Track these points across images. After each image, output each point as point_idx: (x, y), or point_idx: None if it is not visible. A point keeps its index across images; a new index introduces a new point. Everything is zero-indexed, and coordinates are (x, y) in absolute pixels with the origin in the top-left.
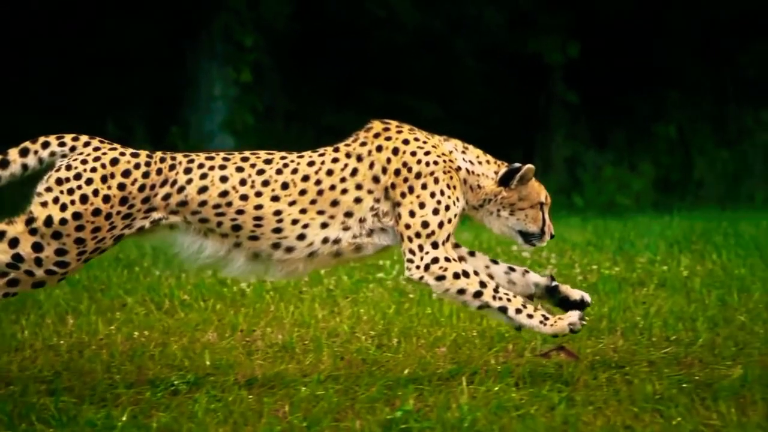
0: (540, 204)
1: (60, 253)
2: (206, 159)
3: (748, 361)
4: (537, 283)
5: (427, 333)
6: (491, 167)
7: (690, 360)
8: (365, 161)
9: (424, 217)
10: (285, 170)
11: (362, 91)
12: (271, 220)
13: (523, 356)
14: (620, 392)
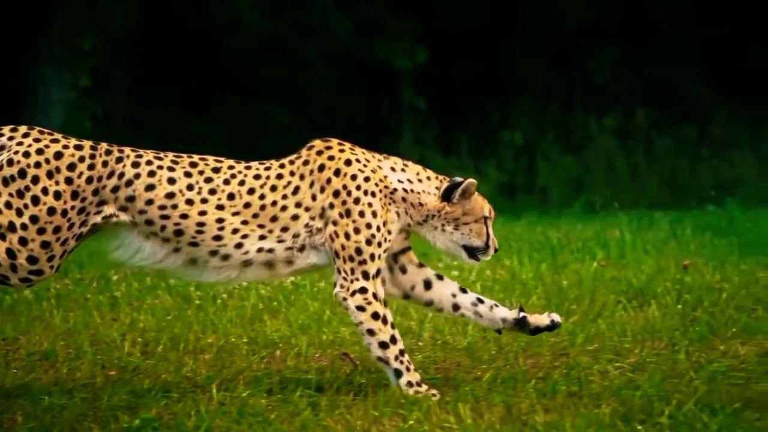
0: (484, 218)
1: (31, 261)
2: (155, 158)
3: (504, 364)
4: (505, 318)
5: (195, 340)
6: (432, 183)
7: (448, 363)
8: (306, 180)
9: (358, 244)
10: (233, 181)
11: (211, 96)
12: (213, 228)
13: (285, 361)
14: (368, 397)
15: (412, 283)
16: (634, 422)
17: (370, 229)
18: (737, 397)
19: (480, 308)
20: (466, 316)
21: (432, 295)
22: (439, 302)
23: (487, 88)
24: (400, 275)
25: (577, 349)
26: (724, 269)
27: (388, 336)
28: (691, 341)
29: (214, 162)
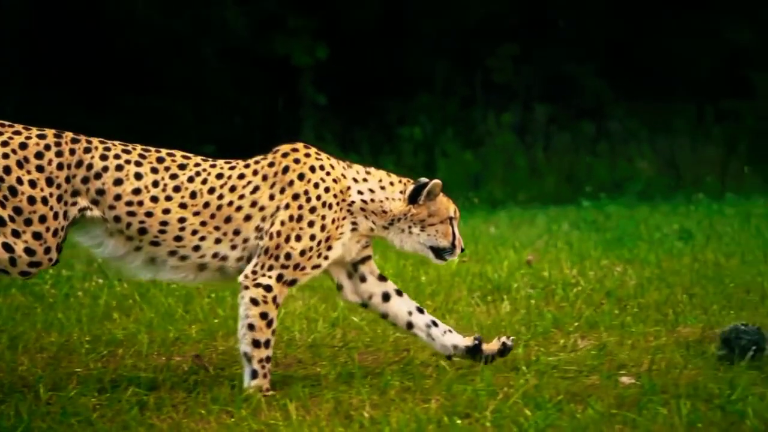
0: (449, 218)
1: (29, 253)
2: (123, 151)
3: (345, 360)
4: (456, 345)
5: (36, 338)
6: (396, 188)
7: (290, 359)
8: (268, 181)
9: (291, 250)
10: (197, 179)
11: (109, 93)
12: (175, 228)
13: (125, 360)
14: (199, 395)
15: (371, 294)
16: (458, 417)
17: (312, 241)
18: (564, 391)
19: (433, 331)
20: (418, 336)
21: (388, 308)
22: (395, 317)
23: (387, 84)
24: (360, 284)
25: (419, 345)
26: (583, 264)
27: (264, 339)
28: (533, 335)
29: (181, 158)
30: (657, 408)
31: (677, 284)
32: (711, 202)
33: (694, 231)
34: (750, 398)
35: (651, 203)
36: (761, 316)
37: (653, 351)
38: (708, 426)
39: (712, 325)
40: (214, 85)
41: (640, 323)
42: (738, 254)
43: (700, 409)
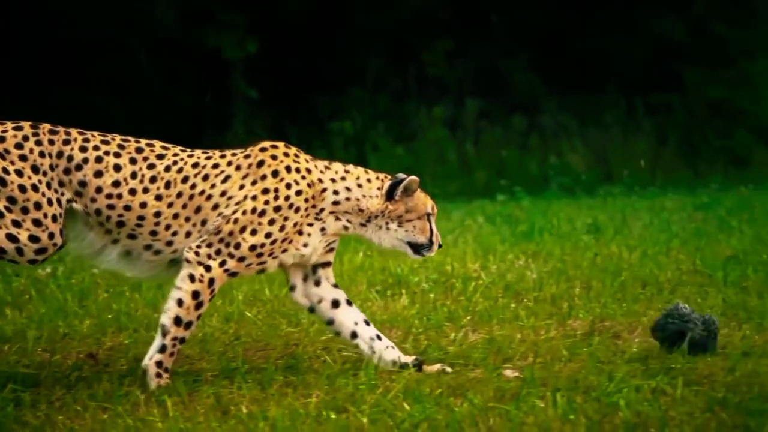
0: (427, 214)
1: (33, 240)
2: (102, 142)
3: (233, 355)
4: (395, 361)
5: None
6: (373, 185)
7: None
8: (241, 171)
9: (243, 241)
10: (173, 168)
11: (38, 88)
12: (151, 222)
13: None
14: (79, 391)
15: (321, 298)
16: (335, 411)
17: (266, 239)
18: (445, 384)
19: (376, 344)
20: (360, 347)
21: (335, 315)
22: (340, 325)
23: (319, 79)
24: (313, 287)
25: (311, 339)
26: (486, 258)
27: (188, 319)
28: (425, 329)
29: (160, 148)
30: (534, 401)
31: (576, 278)
32: (631, 195)
33: (606, 224)
34: (626, 390)
35: (574, 197)
36: (654, 310)
37: (540, 344)
38: (581, 418)
39: (602, 318)
40: (144, 80)
41: (533, 317)
42: (641, 248)
43: (576, 401)
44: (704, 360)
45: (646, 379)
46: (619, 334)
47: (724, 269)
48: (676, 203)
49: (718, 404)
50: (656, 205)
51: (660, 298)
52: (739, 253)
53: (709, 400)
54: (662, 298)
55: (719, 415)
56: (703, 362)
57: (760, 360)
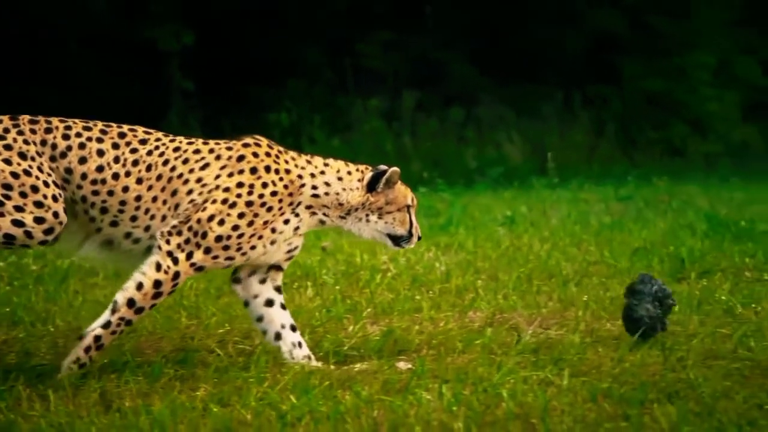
0: (407, 207)
1: (39, 222)
2: (84, 128)
3: (125, 350)
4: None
5: None
6: (354, 177)
7: (69, 349)
8: (221, 161)
9: (210, 230)
10: (155, 152)
11: None
12: (132, 206)
13: None
14: None
15: (257, 294)
16: (220, 404)
17: (233, 231)
18: (336, 377)
19: (295, 351)
20: (281, 350)
21: (266, 313)
22: (268, 323)
23: (256, 71)
24: (256, 283)
25: (208, 333)
26: (396, 252)
27: (141, 305)
28: (326, 321)
29: (143, 133)
30: (421, 393)
31: (484, 270)
32: (567, 186)
33: (524, 216)
34: (513, 381)
35: (508, 188)
36: (555, 302)
37: (436, 336)
38: (465, 409)
39: (502, 310)
40: (79, 72)
41: (434, 309)
42: (553, 240)
43: (464, 393)
44: (594, 350)
45: (536, 370)
46: (517, 326)
47: (630, 260)
48: (601, 195)
49: (601, 394)
50: (581, 197)
51: (564, 290)
52: (647, 244)
53: (594, 390)
54: (566, 290)
55: (601, 405)
56: (593, 352)
57: (650, 350)
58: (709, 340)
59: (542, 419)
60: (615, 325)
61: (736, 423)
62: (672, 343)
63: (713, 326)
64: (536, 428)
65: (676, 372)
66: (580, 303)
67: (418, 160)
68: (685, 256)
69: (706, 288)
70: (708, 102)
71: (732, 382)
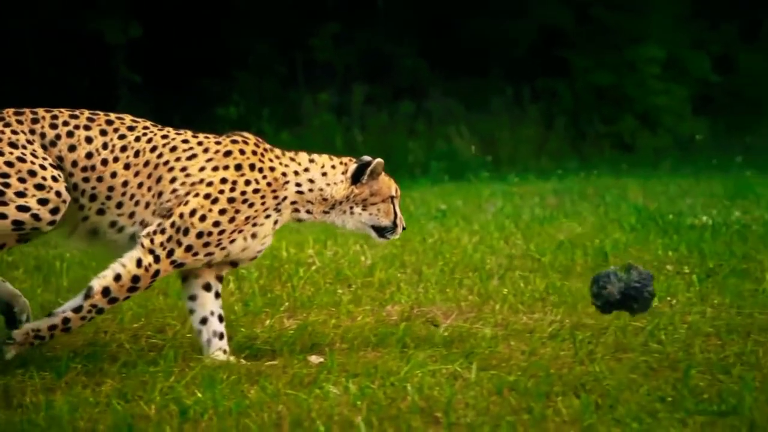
0: (391, 198)
1: (43, 203)
2: (70, 117)
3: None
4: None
5: None
6: (337, 170)
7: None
8: (208, 154)
9: (191, 226)
10: (143, 138)
11: None
12: (119, 192)
13: None
14: None
15: (199, 276)
16: (125, 399)
17: (214, 227)
18: (245, 371)
19: (214, 341)
20: (200, 335)
21: (199, 295)
22: (198, 306)
23: (205, 63)
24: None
25: (122, 327)
26: (325, 244)
27: (115, 295)
28: (243, 316)
29: (130, 121)
30: (329, 387)
31: (410, 264)
32: (513, 180)
33: (458, 210)
34: (421, 375)
35: (450, 182)
36: (475, 295)
37: (352, 330)
38: (370, 404)
39: (420, 303)
40: (24, 64)
41: (354, 303)
42: (482, 233)
43: (371, 387)
44: (507, 344)
45: (446, 363)
46: (433, 320)
47: (554, 254)
48: (540, 188)
49: (507, 387)
50: (520, 191)
51: (485, 283)
52: (574, 237)
53: (501, 383)
54: (487, 283)
55: (506, 398)
56: (505, 346)
57: (563, 344)
58: (621, 334)
59: (445, 412)
60: (531, 319)
61: (636, 415)
62: (584, 337)
63: (627, 319)
64: (439, 421)
65: (585, 365)
66: (499, 297)
67: (368, 153)
68: (608, 249)
69: None
70: (657, 96)
71: (638, 375)
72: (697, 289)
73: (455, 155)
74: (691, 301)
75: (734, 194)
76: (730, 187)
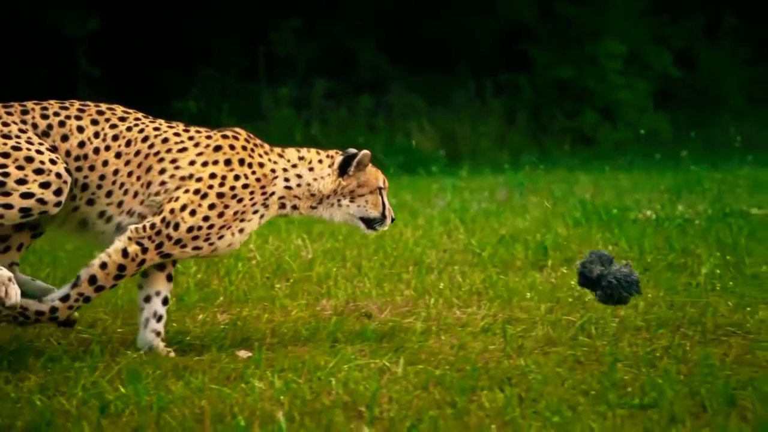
0: (379, 188)
1: (45, 186)
2: (60, 108)
3: None
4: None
5: None
6: (324, 164)
7: None
8: (199, 148)
9: (182, 221)
10: (134, 128)
11: None
12: (109, 181)
13: None
14: None
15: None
16: (47, 395)
17: (204, 222)
18: (171, 366)
19: (152, 322)
20: (141, 313)
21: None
22: (147, 284)
23: (165, 57)
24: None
25: None
26: (265, 239)
27: (102, 283)
28: (171, 312)
29: (122, 112)
30: (255, 382)
31: (350, 258)
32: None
33: (407, 204)
34: (349, 369)
35: (408, 177)
36: (411, 289)
37: (284, 324)
38: (293, 398)
39: (356, 298)
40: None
41: (289, 297)
42: (425, 228)
43: (297, 381)
44: (437, 338)
45: (375, 358)
46: (369, 314)
47: (494, 248)
48: (490, 183)
49: (433, 382)
50: (470, 186)
51: (423, 278)
52: (516, 232)
53: (428, 377)
54: (424, 278)
55: (431, 393)
56: (436, 340)
57: (494, 338)
58: (552, 328)
59: (369, 407)
60: (465, 313)
61: (557, 408)
62: (515, 331)
63: (560, 314)
64: (362, 416)
65: (513, 359)
66: (435, 291)
67: (328, 148)
68: (549, 243)
69: (565, 275)
70: (618, 90)
71: (565, 369)
72: None
73: (414, 150)
74: None
75: (681, 188)
76: (679, 181)
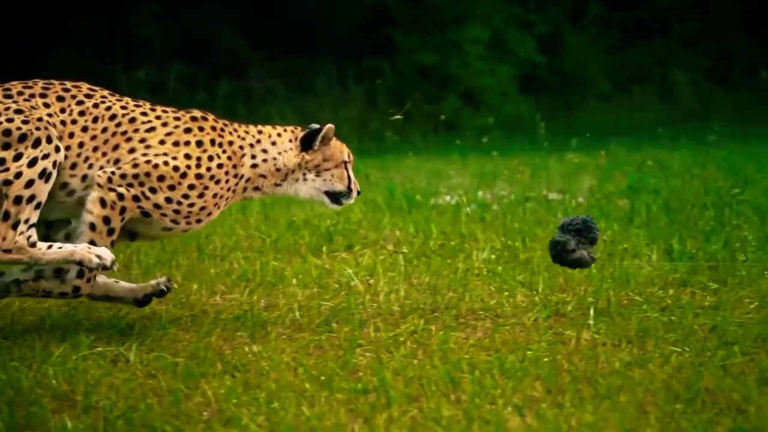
0: (344, 162)
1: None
2: (24, 87)
3: None
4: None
5: None
6: (284, 138)
7: None
8: (167, 128)
9: (160, 190)
10: (101, 105)
11: None
12: (74, 153)
13: None
14: None
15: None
16: None
17: (184, 200)
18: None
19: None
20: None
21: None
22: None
23: (18, 39)
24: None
25: None
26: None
27: (101, 244)
28: None
29: (87, 89)
30: None
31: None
32: None
33: None
34: (75, 359)
35: None
36: (183, 277)
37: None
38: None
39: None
40: None
41: None
42: (223, 215)
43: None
44: (185, 326)
45: (112, 345)
46: None
47: (281, 234)
48: None
49: (163, 370)
50: None
51: (198, 265)
52: (310, 218)
53: (162, 365)
54: (200, 265)
55: (159, 380)
56: (182, 327)
57: (244, 324)
58: (303, 312)
59: (85, 394)
60: (225, 300)
61: (278, 395)
62: (267, 317)
63: (319, 300)
64: (76, 404)
65: (251, 346)
66: (206, 277)
67: None
68: (332, 229)
69: (344, 261)
70: (481, 76)
71: (304, 355)
72: (402, 268)
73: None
74: (394, 280)
75: (500, 173)
76: (510, 166)
